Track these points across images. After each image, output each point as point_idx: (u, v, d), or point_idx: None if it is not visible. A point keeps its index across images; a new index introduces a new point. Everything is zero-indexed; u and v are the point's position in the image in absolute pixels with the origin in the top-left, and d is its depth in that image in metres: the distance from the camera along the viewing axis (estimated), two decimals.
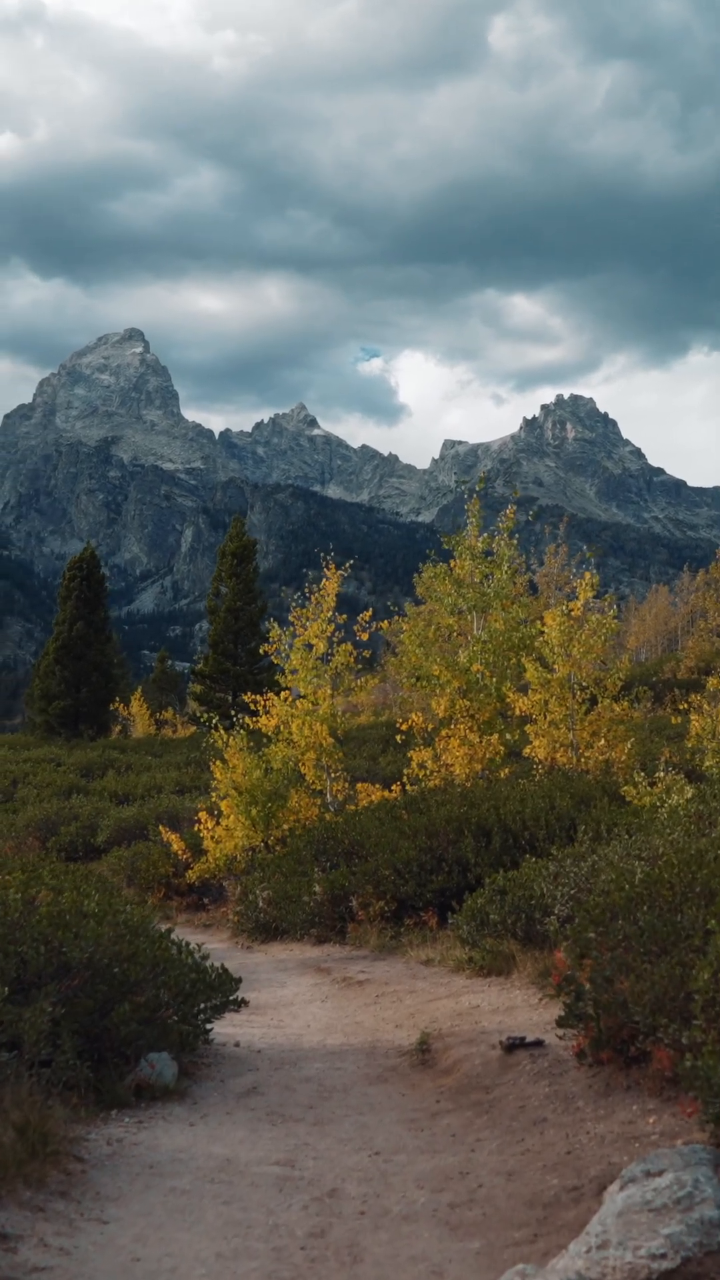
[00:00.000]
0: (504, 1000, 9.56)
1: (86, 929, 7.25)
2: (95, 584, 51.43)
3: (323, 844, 16.15)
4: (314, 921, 14.95)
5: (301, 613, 20.69)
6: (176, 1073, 7.25)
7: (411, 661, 19.63)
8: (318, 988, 12.01)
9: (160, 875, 19.34)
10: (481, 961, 10.98)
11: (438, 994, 10.45)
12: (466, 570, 20.02)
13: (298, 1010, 10.81)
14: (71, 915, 7.62)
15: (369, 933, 14.09)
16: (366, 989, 11.38)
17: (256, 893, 16.28)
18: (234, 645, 44.84)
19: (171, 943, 8.20)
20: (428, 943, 13.22)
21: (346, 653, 20.28)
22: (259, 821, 18.92)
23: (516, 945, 10.79)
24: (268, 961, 14.41)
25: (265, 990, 12.12)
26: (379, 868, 14.27)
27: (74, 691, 49.46)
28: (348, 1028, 9.66)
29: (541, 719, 18.23)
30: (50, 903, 7.67)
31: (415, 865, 13.97)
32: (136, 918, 8.20)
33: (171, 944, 8.18)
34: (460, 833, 14.14)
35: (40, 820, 24.73)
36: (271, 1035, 9.41)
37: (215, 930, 17.60)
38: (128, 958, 7.33)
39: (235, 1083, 7.58)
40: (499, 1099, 6.64)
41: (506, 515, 20.40)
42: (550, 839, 13.66)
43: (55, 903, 7.72)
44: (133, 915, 8.23)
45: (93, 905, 8.22)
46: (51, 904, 7.62)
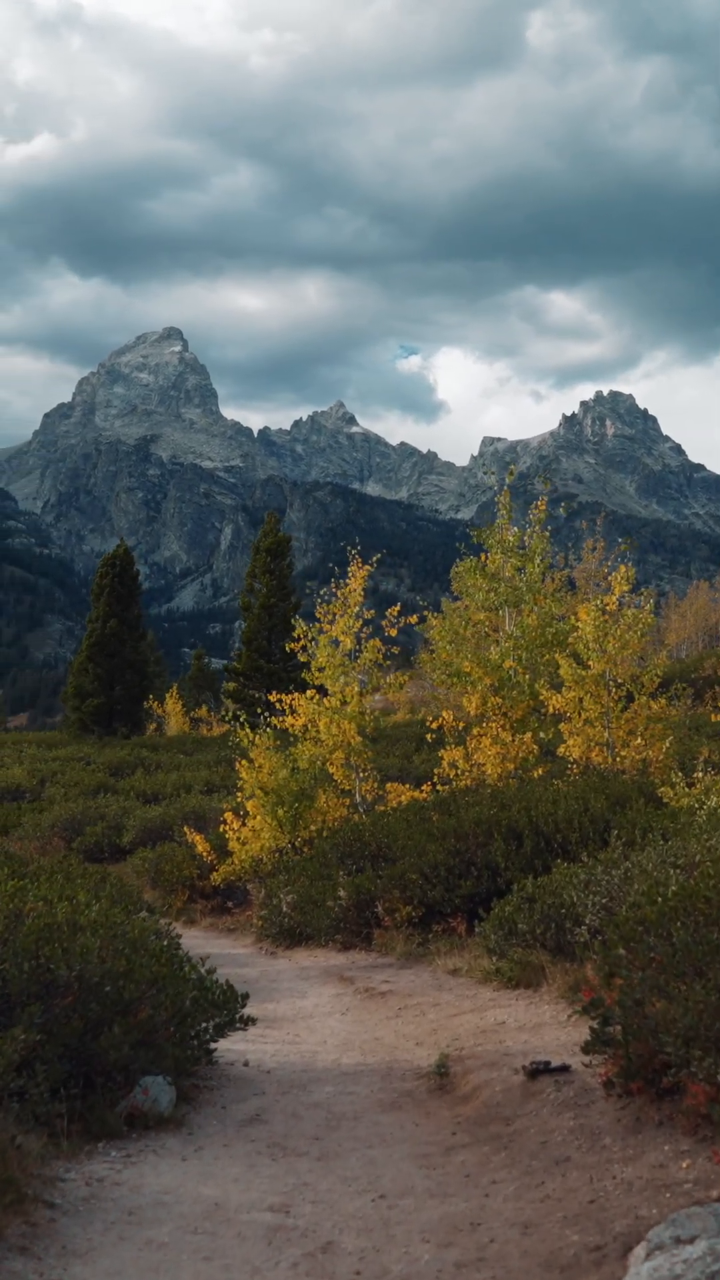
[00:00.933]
0: (531, 1016, 9.00)
1: (76, 944, 6.75)
2: (129, 581, 51.08)
3: (348, 846, 15.63)
4: (339, 927, 14.42)
5: (328, 608, 20.16)
6: (174, 1098, 6.74)
7: (443, 658, 19.05)
8: (339, 999, 11.49)
9: (184, 877, 18.86)
10: (509, 973, 10.42)
11: (462, 1008, 9.90)
12: (498, 564, 19.43)
13: (315, 1024, 10.28)
14: (64, 928, 7.13)
15: (395, 939, 13.56)
16: (389, 1001, 10.84)
17: (280, 897, 15.78)
18: (268, 642, 44.36)
19: (173, 956, 7.68)
20: (455, 950, 12.67)
21: (375, 649, 19.73)
22: (286, 822, 18.42)
23: (546, 956, 10.24)
24: (290, 969, 13.90)
25: (285, 1000, 11.61)
26: (406, 872, 13.73)
27: (108, 689, 49.14)
28: (366, 1044, 9.13)
29: (576, 717, 17.62)
30: (41, 914, 7.18)
31: (443, 869, 13.42)
32: (136, 930, 7.68)
33: (173, 957, 7.65)
34: (490, 835, 13.58)
35: (66, 820, 24.31)
36: (284, 1052, 8.89)
37: (239, 935, 17.10)
38: (122, 974, 6.83)
39: (238, 1109, 7.06)
40: (519, 1132, 6.09)
41: (538, 507, 19.79)
42: (583, 842, 13.07)
43: (46, 914, 7.23)
44: (132, 927, 7.72)
45: (91, 915, 7.73)
46: (42, 915, 7.13)
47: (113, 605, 50.04)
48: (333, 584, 20.30)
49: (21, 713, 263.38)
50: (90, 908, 8.05)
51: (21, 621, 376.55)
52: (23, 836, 24.36)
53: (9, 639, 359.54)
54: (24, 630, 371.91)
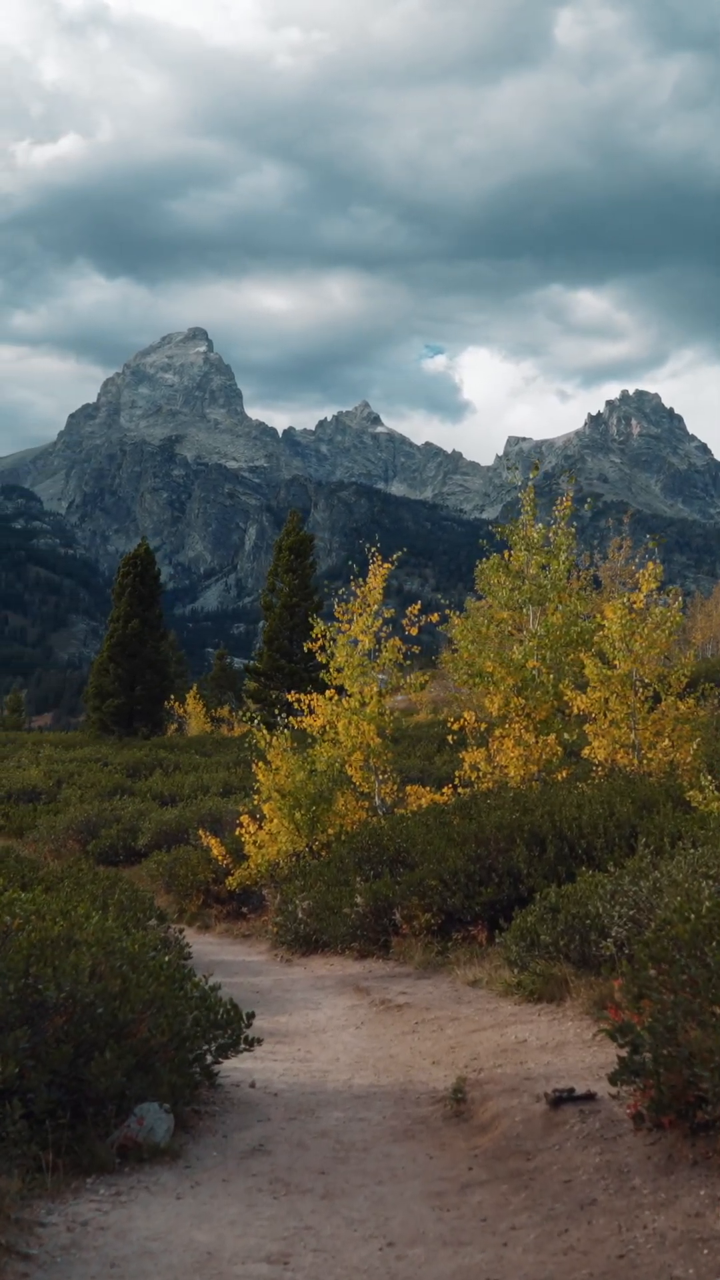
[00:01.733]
0: (554, 1034, 8.53)
1: (68, 962, 6.32)
2: (150, 580, 50.67)
3: (366, 851, 15.17)
4: (356, 935, 13.97)
5: (347, 607, 19.69)
6: (171, 1127, 6.30)
7: (465, 658, 18.54)
8: (354, 1011, 11.03)
9: (199, 882, 18.41)
10: (531, 986, 9.95)
11: (482, 1023, 9.44)
12: (522, 561, 18.91)
13: (328, 1039, 9.83)
14: (58, 944, 6.70)
15: (413, 947, 13.10)
16: (405, 1015, 10.39)
17: (296, 903, 15.33)
18: (289, 642, 43.86)
19: (174, 973, 7.23)
20: (475, 960, 12.21)
21: (394, 648, 19.25)
22: (303, 826, 17.96)
23: (569, 969, 9.77)
24: (305, 978, 13.46)
25: (297, 1013, 11.16)
26: (425, 878, 13.27)
27: (128, 689, 48.75)
28: (380, 1063, 8.67)
29: (601, 718, 17.11)
30: (33, 929, 6.75)
31: (463, 875, 12.95)
32: (136, 944, 7.24)
33: (174, 974, 7.21)
34: (512, 841, 13.10)
35: (81, 822, 23.89)
36: (294, 1071, 8.43)
37: (254, 941, 16.66)
38: (118, 994, 6.40)
39: (241, 1137, 6.61)
40: (541, 1169, 5.63)
41: (563, 502, 19.27)
42: (609, 848, 12.58)
43: (38, 929, 6.80)
44: (131, 941, 7.28)
45: (89, 929, 7.31)
46: (34, 930, 6.71)
47: (134, 605, 49.65)
48: (352, 582, 19.83)
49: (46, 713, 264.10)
50: (88, 921, 7.63)
51: (46, 622, 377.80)
52: (37, 839, 24.00)
53: (34, 639, 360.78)
54: (49, 630, 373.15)
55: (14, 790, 31.18)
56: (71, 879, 14.40)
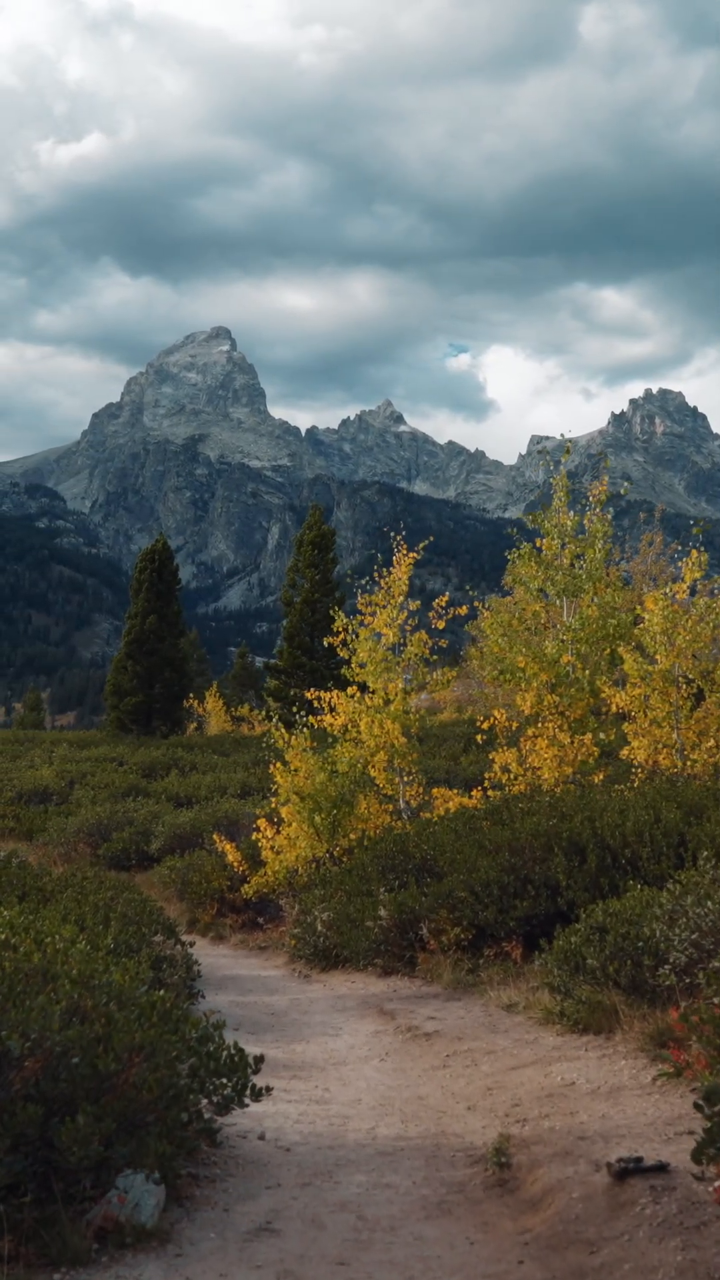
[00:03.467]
0: (606, 1075, 7.48)
1: (37, 1003, 5.30)
2: (168, 575, 49.64)
3: (391, 859, 14.13)
4: (379, 950, 12.92)
5: (370, 599, 18.63)
6: (161, 1201, 5.27)
7: (494, 652, 17.46)
8: (378, 1038, 9.99)
9: (213, 890, 17.38)
10: (576, 1015, 8.89)
11: (522, 1058, 8.39)
12: (555, 550, 17.83)
13: (349, 1073, 8.79)
14: (31, 978, 5.69)
15: (442, 965, 12.06)
16: (435, 1045, 9.34)
17: (315, 914, 14.31)
18: (310, 639, 42.81)
19: (169, 1011, 6.19)
20: (510, 979, 11.16)
21: (420, 642, 18.20)
22: (323, 830, 16.94)
23: (619, 996, 8.70)
24: (325, 996, 12.43)
25: (315, 1040, 10.13)
26: (454, 889, 12.21)
27: (146, 687, 47.76)
28: (407, 1106, 7.63)
29: (641, 716, 16.02)
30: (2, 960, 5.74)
31: (496, 887, 11.88)
32: (124, 976, 6.21)
33: (169, 1012, 6.16)
34: (549, 849, 12.03)
35: (92, 825, 22.88)
36: (310, 1117, 7.40)
37: (271, 954, 15.63)
38: (98, 1040, 5.38)
39: (245, 1211, 5.56)
40: (610, 1267, 4.59)
41: (598, 487, 18.16)
42: (655, 858, 11.50)
43: (9, 960, 5.79)
44: (119, 972, 6.24)
45: (75, 958, 6.29)
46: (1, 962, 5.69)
47: (152, 601, 48.65)
48: (375, 572, 18.77)
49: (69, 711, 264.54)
50: (72, 948, 6.61)
51: (70, 621, 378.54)
52: (47, 842, 23.02)
53: (58, 638, 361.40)
54: (72, 629, 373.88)
55: (24, 791, 30.20)
56: (74, 888, 13.40)
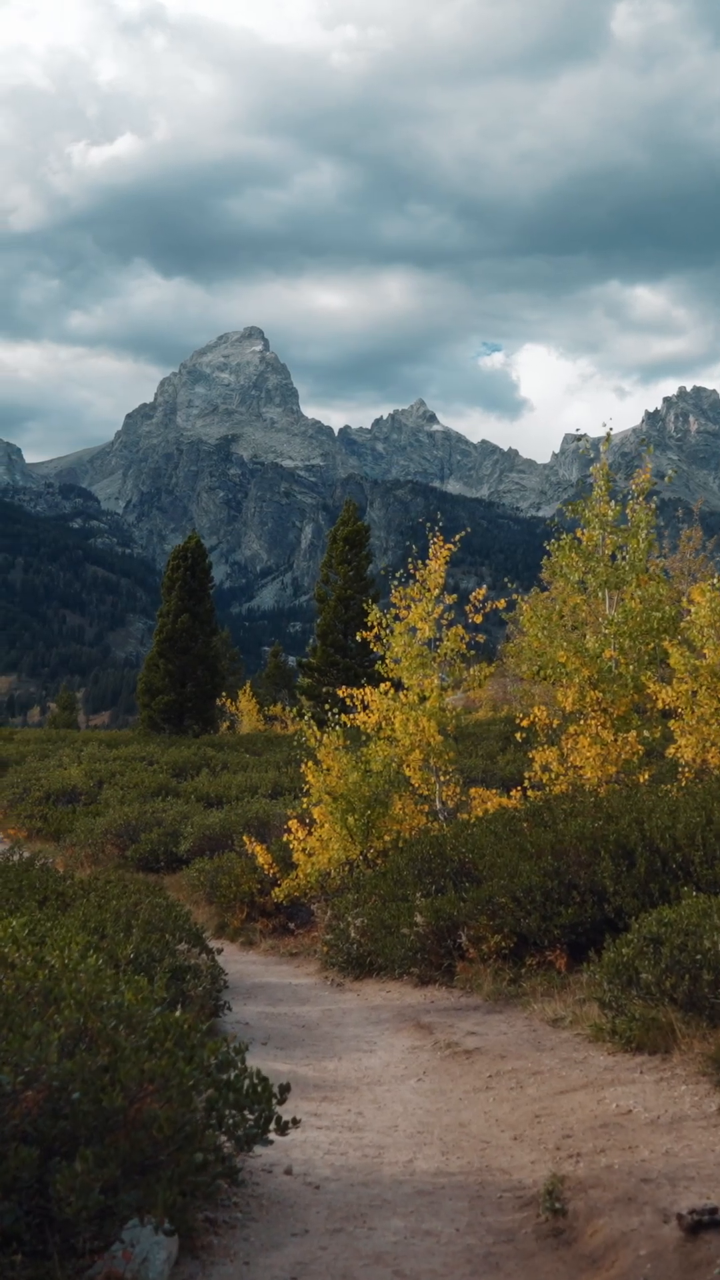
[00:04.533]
0: (665, 1103, 6.83)
1: (33, 1030, 4.71)
2: (200, 574, 49.14)
3: (427, 862, 13.49)
4: (415, 958, 12.28)
5: (405, 592, 17.99)
6: (172, 1255, 4.69)
7: (533, 647, 16.78)
8: (414, 1055, 9.36)
9: (243, 893, 16.76)
10: (628, 1033, 8.24)
11: (571, 1080, 7.75)
12: (596, 541, 17.13)
13: (384, 1095, 8.17)
14: (32, 1000, 5.11)
15: (482, 974, 11.42)
16: (476, 1063, 8.71)
17: (348, 919, 13.69)
18: (344, 636, 42.22)
19: (186, 1034, 5.56)
20: (555, 991, 10.52)
21: (457, 637, 17.54)
22: (356, 832, 16.31)
23: (675, 1013, 8.05)
24: (358, 1007, 11.81)
25: (348, 1056, 9.52)
26: (495, 894, 11.58)
27: (178, 686, 47.28)
28: (448, 1135, 7.00)
29: (688, 713, 15.31)
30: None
31: (539, 893, 11.23)
32: (134, 995, 5.61)
33: (185, 1035, 5.54)
34: (595, 853, 11.37)
35: (120, 825, 22.31)
36: (342, 1147, 6.79)
37: (302, 961, 15.02)
38: (102, 1071, 4.78)
39: (268, 1263, 4.95)
40: None
41: (641, 475, 17.44)
42: (709, 862, 10.83)
43: (6, 981, 5.20)
44: (130, 991, 5.65)
45: (83, 975, 5.70)
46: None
47: (184, 599, 48.17)
48: (410, 564, 18.13)
49: (104, 711, 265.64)
50: (81, 961, 6.03)
51: (104, 620, 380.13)
52: (75, 843, 22.50)
53: (92, 638, 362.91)
54: (106, 629, 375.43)
55: (53, 791, 29.73)
56: (98, 892, 12.85)
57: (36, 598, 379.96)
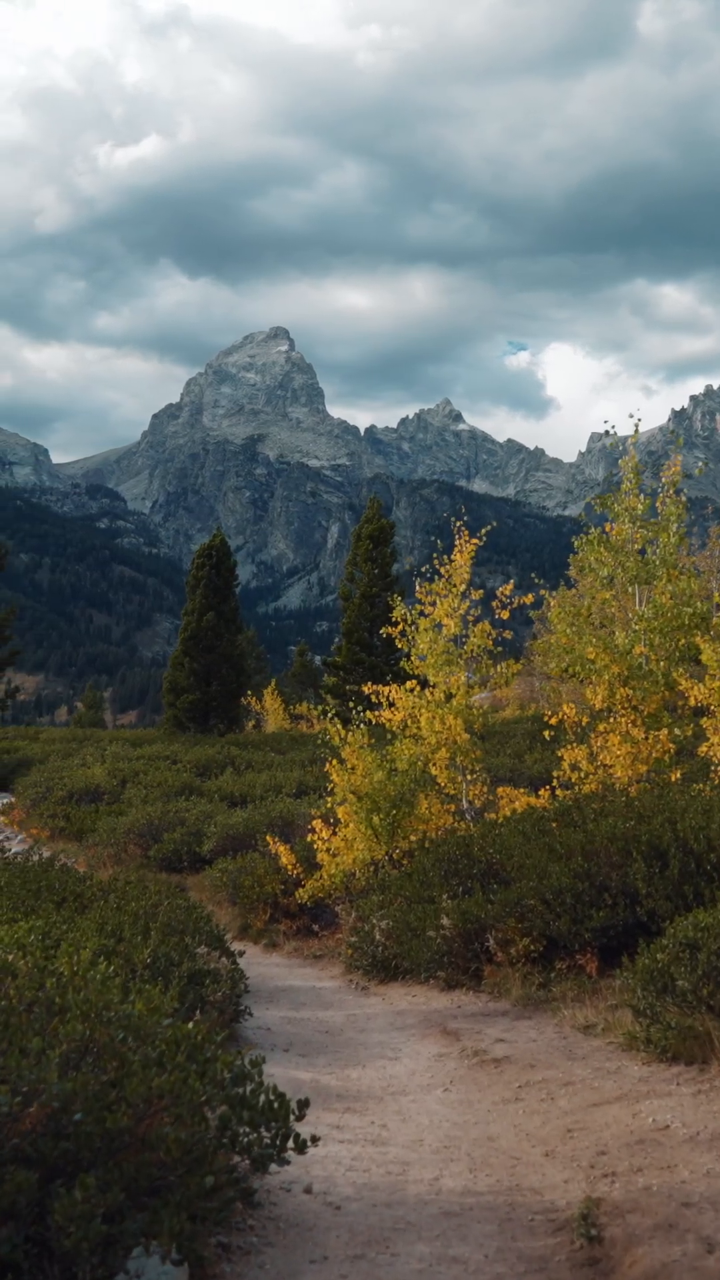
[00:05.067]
0: (705, 1118, 6.51)
1: (32, 1046, 4.42)
2: (225, 572, 48.85)
3: (454, 863, 13.18)
4: (442, 961, 11.97)
5: (430, 588, 17.66)
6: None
7: (561, 644, 16.42)
8: (440, 1063, 9.05)
9: (266, 894, 16.48)
10: (663, 1043, 7.91)
11: (604, 1092, 7.43)
12: (625, 535, 16.75)
13: (409, 1106, 7.86)
14: (33, 1010, 4.82)
15: (510, 979, 11.10)
16: (505, 1072, 8.39)
17: (373, 922, 13.38)
18: (369, 634, 41.92)
19: (197, 1047, 5.25)
20: (585, 996, 10.19)
21: (483, 633, 17.21)
22: (382, 832, 16.01)
23: (714, 1022, 7.71)
24: (383, 1012, 11.51)
25: (372, 1064, 9.21)
26: (524, 896, 11.26)
27: (203, 685, 47.03)
28: (475, 1150, 6.69)
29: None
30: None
31: (569, 895, 10.91)
32: (144, 1005, 5.31)
33: (196, 1049, 5.23)
34: (627, 854, 11.04)
35: (143, 825, 22.05)
36: (364, 1162, 6.48)
37: (327, 963, 14.72)
38: (107, 1087, 4.49)
39: None
40: None
41: (671, 468, 17.05)
42: None
43: (9, 991, 4.92)
44: (139, 1000, 5.35)
45: (93, 983, 5.41)
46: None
47: (209, 598, 47.92)
48: (435, 559, 17.80)
49: (131, 711, 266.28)
50: (90, 969, 5.74)
51: (131, 620, 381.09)
52: (97, 843, 22.27)
53: (119, 638, 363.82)
54: (133, 629, 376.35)
55: (75, 790, 29.53)
56: (117, 893, 12.59)
57: (63, 597, 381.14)
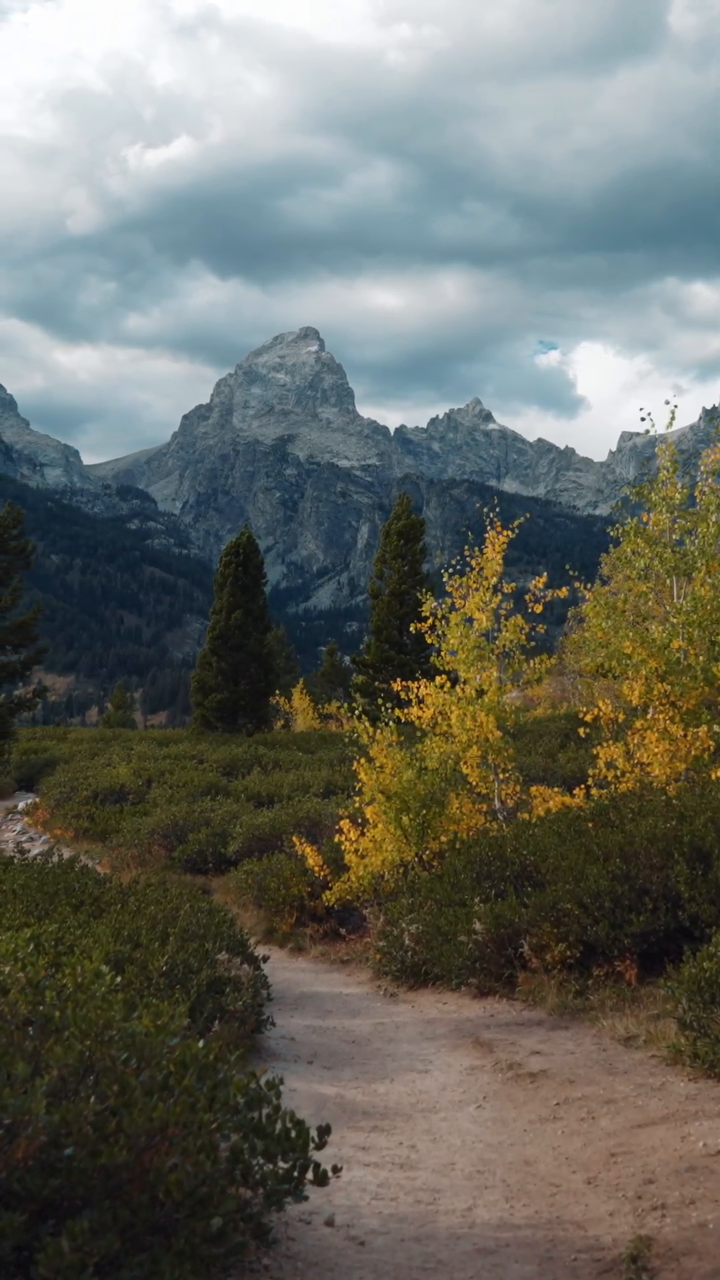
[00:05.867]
0: None
1: (17, 1072, 3.96)
2: (253, 570, 48.39)
3: (486, 864, 12.69)
4: (474, 967, 11.48)
5: (461, 581, 17.14)
6: None
7: (597, 638, 15.88)
8: (473, 1077, 8.56)
9: (292, 896, 16.01)
10: (711, 1058, 7.41)
11: (649, 1111, 6.92)
12: (663, 525, 16.19)
13: (440, 1125, 7.38)
14: (20, 1030, 4.37)
15: (545, 986, 10.61)
16: (541, 1088, 7.89)
17: (402, 925, 12.90)
18: (398, 632, 41.40)
19: (208, 1067, 4.77)
20: (625, 1005, 9.69)
21: (516, 627, 16.68)
22: (411, 832, 15.52)
23: None
24: (412, 1020, 11.03)
25: (400, 1078, 8.73)
26: (559, 900, 10.77)
27: (231, 684, 46.60)
28: (512, 1175, 6.19)
29: None
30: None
31: (608, 898, 10.41)
32: (151, 1021, 4.83)
33: (207, 1070, 4.75)
34: (668, 855, 10.52)
35: (167, 825, 21.61)
36: (392, 1189, 6.00)
37: (354, 968, 14.24)
38: (104, 1116, 4.03)
39: None
40: None
41: (710, 455, 16.47)
42: None
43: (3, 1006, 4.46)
44: (145, 1015, 4.87)
45: (94, 997, 4.95)
46: None
47: (236, 596, 47.49)
48: (465, 551, 17.29)
49: (162, 711, 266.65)
50: (94, 981, 5.27)
51: (161, 621, 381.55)
52: (121, 844, 21.85)
53: (149, 639, 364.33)
54: (164, 630, 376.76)
55: (100, 790, 29.16)
56: (137, 896, 12.16)
57: (94, 599, 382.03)
